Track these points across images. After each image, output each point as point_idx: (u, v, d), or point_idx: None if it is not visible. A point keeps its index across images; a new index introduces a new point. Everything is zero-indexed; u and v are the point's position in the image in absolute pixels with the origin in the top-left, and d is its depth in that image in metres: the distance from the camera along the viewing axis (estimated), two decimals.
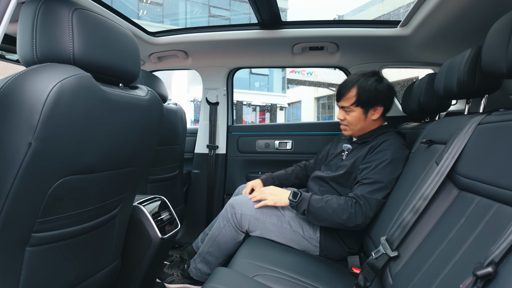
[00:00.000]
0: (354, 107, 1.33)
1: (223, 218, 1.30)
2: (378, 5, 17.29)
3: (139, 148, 0.96)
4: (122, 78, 0.88)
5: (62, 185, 0.72)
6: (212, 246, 1.32)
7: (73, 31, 0.70)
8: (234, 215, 1.27)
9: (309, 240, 1.28)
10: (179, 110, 1.92)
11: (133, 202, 1.16)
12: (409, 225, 0.90)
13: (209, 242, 1.33)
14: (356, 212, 1.17)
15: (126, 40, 0.86)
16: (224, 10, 16.22)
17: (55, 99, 0.63)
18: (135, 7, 13.73)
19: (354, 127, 1.37)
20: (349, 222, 1.17)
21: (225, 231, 1.28)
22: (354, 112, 1.34)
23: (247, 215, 1.26)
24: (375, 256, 0.95)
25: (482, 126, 0.83)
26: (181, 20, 15.47)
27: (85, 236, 0.87)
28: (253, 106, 17.24)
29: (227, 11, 16.40)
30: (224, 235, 1.29)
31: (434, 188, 0.87)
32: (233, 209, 1.27)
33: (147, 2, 14.52)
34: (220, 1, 15.94)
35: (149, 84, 1.61)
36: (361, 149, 1.34)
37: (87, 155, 0.75)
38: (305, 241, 1.29)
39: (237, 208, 1.27)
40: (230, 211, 1.28)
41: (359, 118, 1.34)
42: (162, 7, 15.21)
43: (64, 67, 0.68)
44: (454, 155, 0.87)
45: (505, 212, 0.63)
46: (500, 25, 0.79)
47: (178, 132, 1.90)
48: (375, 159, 1.24)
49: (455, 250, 0.70)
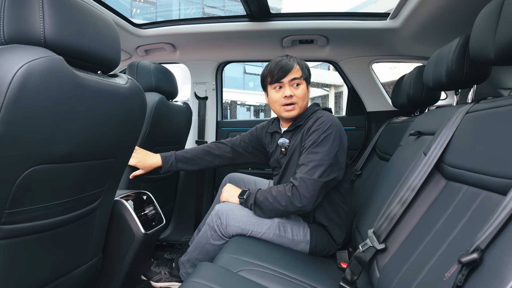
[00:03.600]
0: (303, 80, 1.31)
1: (210, 228, 1.24)
2: (372, 6, 17.42)
3: (119, 139, 0.92)
4: (100, 65, 0.84)
5: (33, 175, 0.69)
6: (201, 253, 1.27)
7: (44, 11, 0.66)
8: (220, 225, 1.22)
9: (299, 243, 1.25)
10: (187, 110, 1.84)
11: (116, 196, 1.12)
12: (396, 217, 0.88)
13: (197, 249, 1.28)
14: (293, 195, 1.14)
15: (104, 25, 0.82)
16: (219, 9, 16.18)
17: (22, 82, 0.60)
18: (128, 5, 13.63)
19: (302, 103, 1.31)
20: (289, 207, 1.15)
21: (213, 240, 1.23)
22: (303, 85, 1.31)
23: (233, 226, 1.21)
24: (362, 249, 0.93)
25: (470, 114, 0.82)
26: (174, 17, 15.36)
27: (61, 230, 0.83)
28: (247, 106, 17.21)
29: (222, 11, 16.38)
30: (212, 244, 1.24)
31: (421, 179, 0.86)
32: (219, 220, 1.22)
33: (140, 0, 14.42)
34: (215, 1, 15.91)
35: (159, 78, 1.55)
36: (296, 136, 1.32)
37: (60, 143, 0.71)
38: (295, 245, 1.26)
39: (222, 219, 1.22)
40: (216, 222, 1.22)
41: (305, 92, 1.32)
42: (155, 5, 15.13)
43: (33, 48, 0.64)
44: (442, 145, 0.85)
45: (492, 199, 0.61)
46: (487, 11, 0.78)
47: (182, 132, 1.84)
48: (310, 139, 1.21)
49: (442, 240, 0.68)
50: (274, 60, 1.34)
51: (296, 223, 1.26)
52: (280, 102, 1.30)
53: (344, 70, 1.91)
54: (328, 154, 1.17)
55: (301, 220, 1.29)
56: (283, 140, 1.36)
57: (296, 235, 1.25)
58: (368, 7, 17.53)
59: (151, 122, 1.45)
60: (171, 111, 1.61)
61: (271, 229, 1.22)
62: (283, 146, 1.36)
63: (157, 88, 1.54)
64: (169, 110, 1.58)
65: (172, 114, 1.62)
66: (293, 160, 1.30)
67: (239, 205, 1.27)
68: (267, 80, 1.34)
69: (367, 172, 1.70)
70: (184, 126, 1.84)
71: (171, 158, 1.48)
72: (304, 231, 1.26)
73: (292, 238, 1.24)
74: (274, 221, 1.23)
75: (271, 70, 1.31)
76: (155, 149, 1.56)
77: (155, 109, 1.45)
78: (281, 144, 1.36)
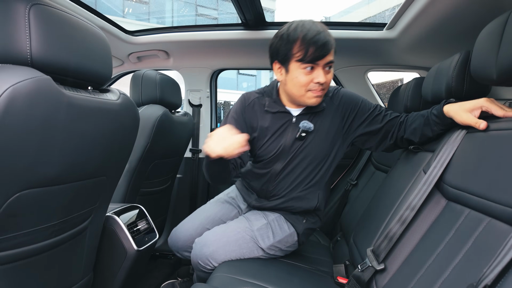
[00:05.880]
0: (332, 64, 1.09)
1: (194, 266, 1.18)
2: (365, 8, 17.57)
3: (110, 156, 0.89)
4: (91, 81, 0.81)
5: (19, 200, 0.65)
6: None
7: (30, 29, 0.63)
8: (206, 266, 1.13)
9: (289, 247, 1.24)
10: (189, 122, 1.78)
11: (108, 211, 1.09)
12: (396, 236, 0.86)
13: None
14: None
15: (94, 39, 0.79)
16: (212, 9, 16.11)
17: (7, 105, 0.56)
18: (120, 4, 13.49)
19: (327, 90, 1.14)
20: None
21: (199, 273, 1.18)
22: (332, 69, 1.10)
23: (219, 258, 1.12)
24: (361, 268, 0.91)
25: (471, 134, 0.80)
26: (167, 18, 15.27)
27: (48, 253, 0.80)
28: None
29: (215, 11, 16.31)
30: (199, 276, 1.19)
31: (422, 198, 0.84)
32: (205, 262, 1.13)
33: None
34: (208, 1, 15.84)
35: (164, 90, 1.51)
36: (317, 119, 1.14)
37: (48, 166, 0.68)
38: (286, 252, 1.24)
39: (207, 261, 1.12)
40: (201, 263, 1.14)
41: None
42: (148, 6, 14.99)
43: (19, 69, 0.61)
44: (442, 164, 0.83)
45: (496, 227, 0.60)
46: (490, 30, 0.76)
47: (182, 145, 1.79)
48: (367, 108, 1.15)
49: (445, 266, 0.66)
50: (305, 27, 1.02)
51: (270, 229, 1.20)
52: (309, 87, 1.06)
53: (340, 79, 1.89)
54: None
55: (275, 223, 1.22)
56: (307, 124, 1.13)
57: (285, 243, 1.21)
58: (360, 9, 17.68)
59: (153, 137, 1.42)
60: (174, 124, 1.57)
61: (253, 249, 1.16)
62: (306, 131, 1.14)
63: (161, 101, 1.50)
64: (171, 123, 1.54)
65: (174, 127, 1.59)
66: (314, 144, 1.15)
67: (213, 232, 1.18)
68: (292, 53, 1.03)
69: (363, 182, 1.69)
70: (185, 139, 1.80)
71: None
72: (283, 227, 1.21)
73: (282, 250, 1.21)
74: (253, 236, 1.17)
75: (305, 42, 1.00)
76: (154, 163, 1.53)
77: (158, 124, 1.42)
78: (306, 128, 1.13)
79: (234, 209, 1.36)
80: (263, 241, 1.17)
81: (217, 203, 1.38)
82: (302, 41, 1.01)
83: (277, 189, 1.21)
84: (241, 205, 1.37)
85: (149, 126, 1.39)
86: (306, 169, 1.18)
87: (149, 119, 1.40)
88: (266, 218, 1.22)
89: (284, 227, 1.22)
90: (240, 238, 1.15)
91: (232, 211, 1.35)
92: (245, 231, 1.17)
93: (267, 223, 1.20)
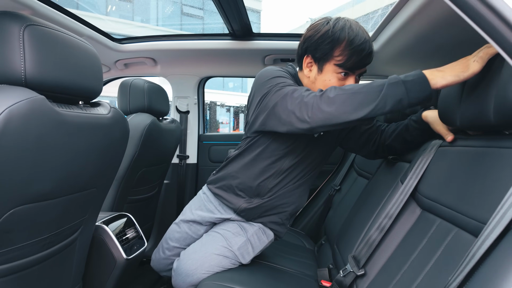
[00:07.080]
0: None
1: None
2: (349, 10, 17.84)
3: (101, 169, 0.91)
4: (82, 96, 0.83)
5: (12, 216, 0.66)
6: None
7: (25, 50, 0.64)
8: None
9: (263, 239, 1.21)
10: (176, 129, 1.77)
11: (97, 220, 1.10)
12: (375, 243, 0.92)
13: None
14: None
15: (85, 56, 0.81)
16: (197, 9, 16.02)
17: (3, 127, 0.58)
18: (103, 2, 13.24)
19: None
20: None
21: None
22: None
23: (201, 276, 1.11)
24: (343, 274, 0.97)
25: (443, 148, 0.87)
26: (152, 18, 15.09)
27: (39, 266, 0.81)
28: (227, 107, 17.14)
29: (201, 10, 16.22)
30: None
31: (398, 207, 0.90)
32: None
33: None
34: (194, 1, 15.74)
35: (152, 99, 1.52)
36: None
37: (41, 182, 0.70)
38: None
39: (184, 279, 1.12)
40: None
41: None
42: (132, 3, 14.78)
43: (14, 90, 0.62)
44: (417, 175, 0.89)
45: (462, 237, 0.65)
46: None
47: (170, 152, 1.79)
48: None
49: (418, 272, 0.72)
50: (353, 29, 0.96)
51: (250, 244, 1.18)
52: None
53: None
54: None
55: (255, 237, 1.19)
56: None
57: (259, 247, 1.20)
58: (345, 11, 17.96)
59: (141, 145, 1.42)
60: (162, 132, 1.58)
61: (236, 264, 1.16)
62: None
63: (150, 109, 1.51)
64: (159, 131, 1.55)
65: (162, 135, 1.60)
66: (325, 143, 1.17)
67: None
68: (332, 55, 0.98)
69: (346, 187, 1.76)
70: (173, 146, 1.81)
71: None
72: (262, 239, 1.20)
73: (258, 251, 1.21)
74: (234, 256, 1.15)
75: (351, 48, 0.95)
76: (142, 171, 1.54)
77: (146, 133, 1.43)
78: None
79: (203, 227, 1.28)
80: (243, 258, 1.16)
81: (184, 223, 1.30)
82: (347, 45, 0.96)
83: (278, 186, 1.15)
84: (217, 215, 1.24)
85: (137, 135, 1.41)
86: (307, 167, 1.17)
87: (137, 128, 1.41)
88: (245, 234, 1.18)
89: (263, 238, 1.20)
90: (222, 260, 1.14)
91: (200, 229, 1.28)
92: (225, 253, 1.14)
93: (246, 240, 1.17)
